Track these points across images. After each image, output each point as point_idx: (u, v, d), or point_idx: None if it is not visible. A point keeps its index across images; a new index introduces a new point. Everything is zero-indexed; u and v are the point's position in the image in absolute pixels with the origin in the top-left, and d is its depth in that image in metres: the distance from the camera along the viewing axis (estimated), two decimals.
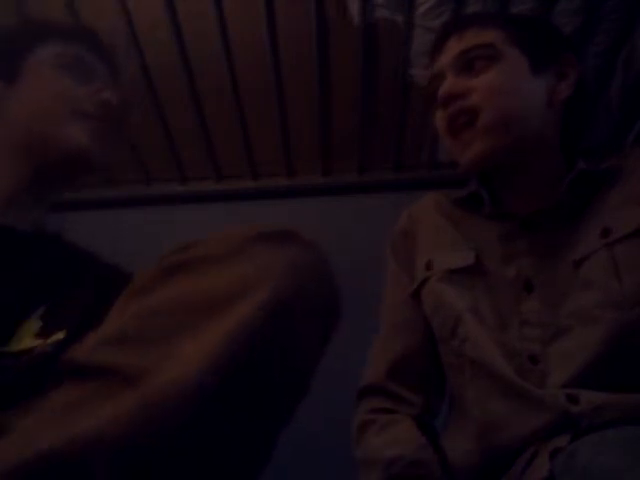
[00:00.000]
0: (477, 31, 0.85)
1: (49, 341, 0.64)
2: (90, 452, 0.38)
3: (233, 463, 0.46)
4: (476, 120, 0.81)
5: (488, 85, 0.81)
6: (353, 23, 1.41)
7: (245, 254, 0.49)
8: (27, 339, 0.64)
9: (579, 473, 0.58)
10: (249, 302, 0.45)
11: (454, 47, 0.85)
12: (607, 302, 0.72)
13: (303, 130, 1.67)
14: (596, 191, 0.81)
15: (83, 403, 0.41)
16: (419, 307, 0.88)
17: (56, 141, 0.79)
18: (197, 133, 1.64)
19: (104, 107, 0.82)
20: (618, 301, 0.71)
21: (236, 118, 1.61)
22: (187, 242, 0.53)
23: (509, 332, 0.77)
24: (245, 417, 0.45)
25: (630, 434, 0.60)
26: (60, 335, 0.65)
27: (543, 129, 0.83)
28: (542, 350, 0.74)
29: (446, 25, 0.92)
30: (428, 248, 0.90)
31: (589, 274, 0.75)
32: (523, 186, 0.86)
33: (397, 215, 0.99)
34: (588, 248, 0.76)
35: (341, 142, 1.70)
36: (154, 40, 1.43)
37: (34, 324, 0.66)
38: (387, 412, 0.84)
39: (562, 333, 0.74)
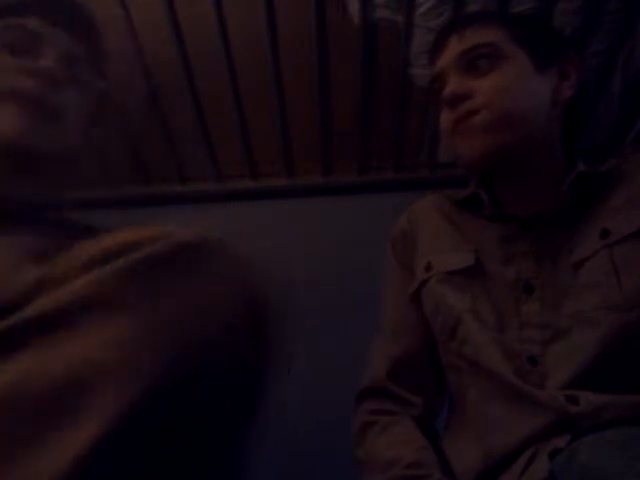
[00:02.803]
0: (478, 30, 0.84)
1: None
2: None
3: None
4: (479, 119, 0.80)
5: (493, 86, 0.80)
6: (353, 23, 1.41)
7: (113, 304, 0.35)
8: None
9: (578, 473, 0.58)
10: (98, 410, 0.32)
11: (455, 46, 0.85)
12: (606, 304, 0.72)
13: (303, 130, 1.66)
14: (596, 193, 0.81)
15: None
16: (419, 308, 0.88)
17: None
18: (197, 133, 1.64)
19: (42, 77, 0.66)
20: (617, 303, 0.71)
21: (236, 118, 1.61)
22: (44, 274, 0.39)
23: (509, 333, 0.77)
24: None
25: (629, 435, 0.60)
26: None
27: (549, 128, 0.83)
28: (541, 351, 0.74)
29: (447, 24, 0.92)
30: (428, 249, 0.89)
31: (589, 276, 0.74)
32: (523, 188, 0.85)
33: (397, 215, 0.99)
34: (588, 250, 0.76)
35: (341, 142, 1.70)
36: (154, 40, 1.42)
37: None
38: (387, 413, 0.84)
39: (562, 335, 0.74)
